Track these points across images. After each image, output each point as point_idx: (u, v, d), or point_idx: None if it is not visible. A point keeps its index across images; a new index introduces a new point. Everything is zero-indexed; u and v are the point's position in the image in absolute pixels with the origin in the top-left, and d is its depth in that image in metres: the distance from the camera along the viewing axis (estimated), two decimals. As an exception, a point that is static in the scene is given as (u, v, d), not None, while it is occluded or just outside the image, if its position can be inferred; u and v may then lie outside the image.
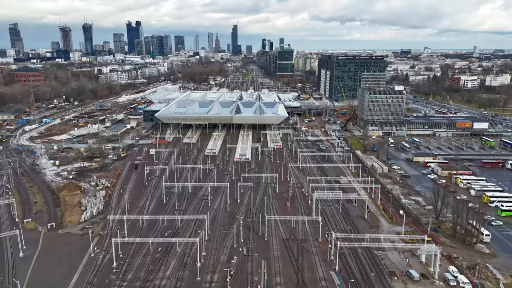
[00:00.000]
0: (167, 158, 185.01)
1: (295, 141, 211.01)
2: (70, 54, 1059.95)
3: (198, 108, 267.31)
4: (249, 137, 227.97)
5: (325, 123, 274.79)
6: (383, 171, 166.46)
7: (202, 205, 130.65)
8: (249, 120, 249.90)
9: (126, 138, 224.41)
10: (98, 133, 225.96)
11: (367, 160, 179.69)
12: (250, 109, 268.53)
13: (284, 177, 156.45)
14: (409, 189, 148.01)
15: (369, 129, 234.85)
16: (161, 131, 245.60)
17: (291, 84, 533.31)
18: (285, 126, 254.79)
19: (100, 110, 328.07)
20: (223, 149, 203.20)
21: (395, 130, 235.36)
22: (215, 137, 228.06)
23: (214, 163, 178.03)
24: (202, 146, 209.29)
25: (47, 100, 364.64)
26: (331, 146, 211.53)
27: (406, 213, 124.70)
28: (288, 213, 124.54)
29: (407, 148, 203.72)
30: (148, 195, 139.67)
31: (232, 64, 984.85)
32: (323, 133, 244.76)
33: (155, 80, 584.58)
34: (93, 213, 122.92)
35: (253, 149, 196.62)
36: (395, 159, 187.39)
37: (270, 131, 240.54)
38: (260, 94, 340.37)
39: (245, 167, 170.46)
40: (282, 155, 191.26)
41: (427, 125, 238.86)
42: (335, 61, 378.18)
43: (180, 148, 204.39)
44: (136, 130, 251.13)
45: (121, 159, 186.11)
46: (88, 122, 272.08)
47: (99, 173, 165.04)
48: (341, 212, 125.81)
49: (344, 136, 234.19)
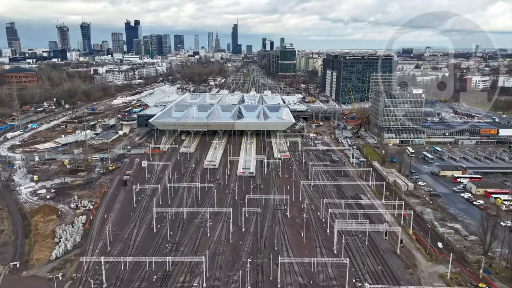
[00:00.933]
0: (161, 172, 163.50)
1: (304, 151, 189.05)
2: (67, 54, 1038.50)
3: (197, 112, 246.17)
4: (252, 146, 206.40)
5: (335, 129, 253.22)
6: (408, 188, 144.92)
7: (199, 236, 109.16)
8: (252, 126, 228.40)
9: (117, 147, 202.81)
10: (86, 141, 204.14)
11: (388, 174, 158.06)
12: (252, 114, 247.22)
13: (295, 196, 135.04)
14: (443, 212, 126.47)
15: (384, 136, 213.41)
16: (156, 138, 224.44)
17: (294, 85, 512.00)
18: (291, 132, 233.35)
19: (92, 114, 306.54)
20: (224, 159, 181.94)
21: (413, 137, 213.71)
22: (215, 146, 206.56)
23: (214, 178, 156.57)
24: (201, 156, 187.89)
25: (37, 103, 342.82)
26: (344, 156, 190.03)
27: (446, 245, 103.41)
28: (304, 246, 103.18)
29: (429, 159, 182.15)
30: (136, 221, 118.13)
31: (232, 64, 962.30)
32: (333, 141, 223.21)
33: (153, 81, 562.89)
34: (67, 248, 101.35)
35: (258, 161, 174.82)
36: (418, 173, 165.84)
37: (275, 139, 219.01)
38: (263, 97, 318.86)
39: (249, 183, 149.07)
40: (290, 167, 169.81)
41: (448, 132, 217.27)
42: (342, 61, 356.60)
43: (176, 159, 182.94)
44: (128, 138, 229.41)
45: (109, 172, 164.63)
46: (78, 127, 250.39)
47: (82, 191, 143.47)
48: (368, 245, 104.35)
49: (357, 144, 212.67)
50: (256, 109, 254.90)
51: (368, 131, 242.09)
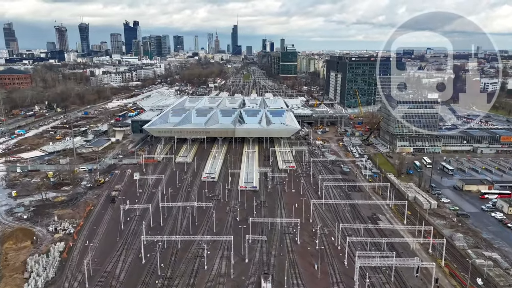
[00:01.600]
0: (154, 186, 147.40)
1: (311, 161, 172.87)
2: (65, 55, 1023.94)
3: (195, 117, 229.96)
4: (255, 155, 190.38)
5: (342, 135, 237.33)
6: (430, 206, 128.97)
7: (195, 268, 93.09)
8: (254, 133, 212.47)
9: (108, 156, 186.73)
10: (74, 150, 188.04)
11: (407, 190, 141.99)
12: (254, 119, 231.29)
13: (304, 215, 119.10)
14: (475, 236, 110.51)
15: (397, 144, 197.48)
16: (151, 145, 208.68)
17: (296, 87, 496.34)
18: (296, 140, 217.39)
19: (85, 118, 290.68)
20: (224, 170, 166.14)
21: (428, 146, 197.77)
22: (214, 155, 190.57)
23: (212, 193, 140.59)
24: (199, 167, 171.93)
25: (28, 106, 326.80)
26: (356, 167, 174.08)
27: (486, 282, 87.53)
28: (319, 283, 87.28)
29: (449, 170, 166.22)
30: (123, 249, 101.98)
31: (232, 65, 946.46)
32: (342, 149, 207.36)
33: (151, 83, 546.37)
34: (37, 286, 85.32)
35: (261, 173, 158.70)
36: (439, 187, 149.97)
37: (279, 147, 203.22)
38: (264, 100, 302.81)
39: (252, 199, 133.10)
40: (297, 180, 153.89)
41: (465, 140, 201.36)
42: (348, 62, 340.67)
43: (171, 171, 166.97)
44: (121, 145, 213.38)
45: (98, 186, 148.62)
46: (68, 134, 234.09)
47: (64, 209, 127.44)
48: (394, 281, 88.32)
49: (367, 153, 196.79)
50: (258, 114, 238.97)
51: (378, 137, 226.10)
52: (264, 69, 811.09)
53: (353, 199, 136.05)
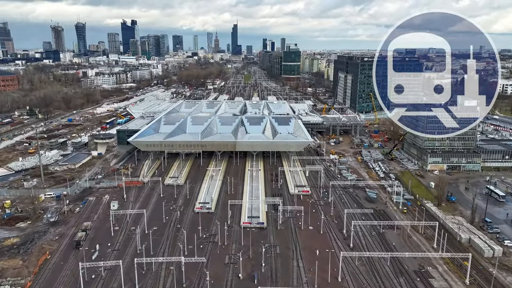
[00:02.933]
0: (134, 221, 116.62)
1: (330, 186, 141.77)
2: (60, 55, 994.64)
3: (191, 126, 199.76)
4: (259, 175, 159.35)
5: (358, 147, 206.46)
6: (494, 253, 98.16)
7: None
8: (258, 146, 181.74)
9: (84, 176, 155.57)
10: (41, 170, 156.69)
11: (456, 227, 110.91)
12: (258, 128, 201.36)
13: (331, 272, 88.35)
14: None
15: (428, 161, 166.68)
16: (138, 160, 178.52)
17: (301, 89, 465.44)
18: (307, 153, 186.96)
19: (68, 126, 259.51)
20: (223, 195, 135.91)
21: (465, 162, 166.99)
22: (211, 174, 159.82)
23: (207, 233, 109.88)
24: (192, 191, 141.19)
25: (7, 112, 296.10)
26: (382, 190, 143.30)
27: None
28: None
29: (500, 196, 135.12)
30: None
31: (232, 65, 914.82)
32: (361, 164, 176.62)
33: (146, 84, 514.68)
34: None
35: (270, 204, 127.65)
36: (493, 220, 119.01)
37: (288, 162, 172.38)
38: (268, 104, 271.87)
39: (259, 241, 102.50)
40: (314, 211, 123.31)
41: (507, 154, 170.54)
42: (360, 63, 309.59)
43: (158, 197, 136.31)
44: (103, 160, 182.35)
45: (63, 221, 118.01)
46: (45, 145, 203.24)
47: (12, 259, 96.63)
48: None
49: (393, 171, 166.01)
50: (261, 122, 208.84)
51: (401, 150, 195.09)
52: (265, 70, 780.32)
53: (388, 240, 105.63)
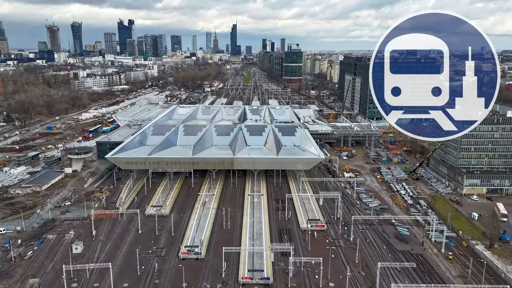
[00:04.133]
0: (97, 277, 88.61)
1: (352, 221, 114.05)
2: (54, 55, 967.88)
3: (182, 136, 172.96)
4: (262, 201, 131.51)
5: (376, 162, 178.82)
6: None
7: None
8: (260, 164, 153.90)
9: (48, 203, 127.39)
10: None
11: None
12: (259, 138, 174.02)
13: None
14: None
15: (464, 183, 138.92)
16: (119, 179, 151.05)
17: (303, 92, 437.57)
18: (317, 169, 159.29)
19: (46, 135, 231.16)
20: (217, 231, 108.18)
21: (508, 185, 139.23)
22: (203, 200, 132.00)
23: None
24: (178, 226, 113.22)
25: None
26: (413, 224, 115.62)
27: None
28: None
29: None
30: None
31: (231, 66, 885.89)
32: (382, 185, 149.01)
33: (140, 86, 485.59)
34: None
35: (277, 253, 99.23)
36: None
37: (296, 184, 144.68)
38: (269, 110, 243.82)
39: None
40: (334, 256, 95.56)
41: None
42: (372, 65, 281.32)
43: (135, 235, 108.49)
44: (77, 179, 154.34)
45: (6, 273, 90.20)
46: (12, 161, 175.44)
47: None
48: None
49: (421, 195, 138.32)
50: (263, 131, 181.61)
51: (427, 167, 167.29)
52: (265, 71, 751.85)
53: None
